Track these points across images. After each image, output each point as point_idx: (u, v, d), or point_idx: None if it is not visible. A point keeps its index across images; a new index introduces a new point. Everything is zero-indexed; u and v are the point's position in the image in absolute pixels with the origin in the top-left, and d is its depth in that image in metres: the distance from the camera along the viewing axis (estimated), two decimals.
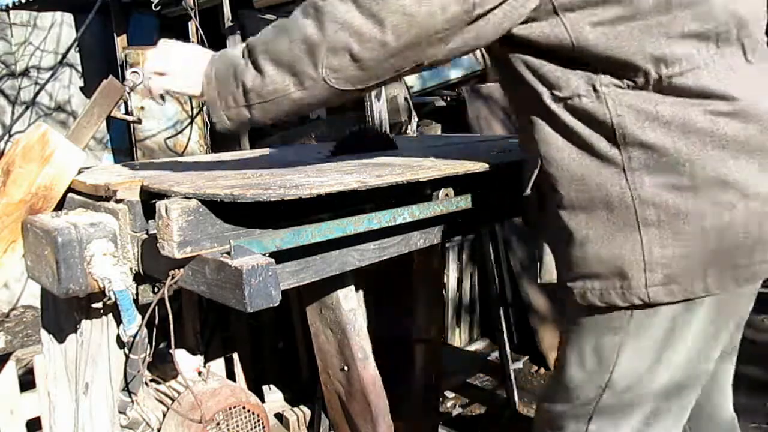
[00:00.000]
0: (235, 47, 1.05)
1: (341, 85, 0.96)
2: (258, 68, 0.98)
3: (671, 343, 1.02)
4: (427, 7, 0.89)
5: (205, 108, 3.65)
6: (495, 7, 0.92)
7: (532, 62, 0.99)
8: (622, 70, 0.93)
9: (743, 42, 0.94)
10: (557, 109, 0.98)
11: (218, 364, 1.78)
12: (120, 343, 1.17)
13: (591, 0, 0.91)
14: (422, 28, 0.91)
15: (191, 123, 3.68)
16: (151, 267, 1.02)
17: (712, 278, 0.95)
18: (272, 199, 0.87)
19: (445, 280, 2.95)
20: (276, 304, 0.88)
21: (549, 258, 1.09)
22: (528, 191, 1.07)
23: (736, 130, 0.92)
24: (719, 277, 0.95)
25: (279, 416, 1.93)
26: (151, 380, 1.45)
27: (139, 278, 1.06)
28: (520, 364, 3.13)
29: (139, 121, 3.26)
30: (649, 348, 1.02)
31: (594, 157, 0.97)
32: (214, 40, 3.59)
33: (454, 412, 2.32)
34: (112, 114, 1.33)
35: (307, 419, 1.90)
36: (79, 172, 1.21)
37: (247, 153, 1.96)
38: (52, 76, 4.31)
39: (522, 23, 0.95)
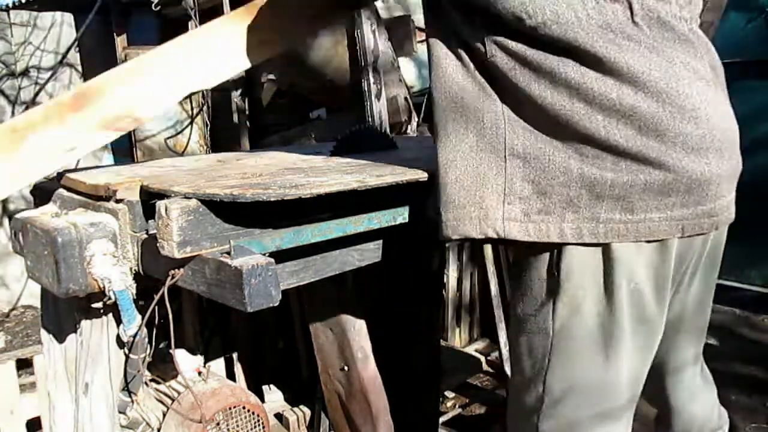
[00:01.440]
0: None
1: None
2: None
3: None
4: None
5: (205, 108, 3.66)
6: None
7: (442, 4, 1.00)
8: (500, 16, 0.91)
9: (632, 3, 0.90)
10: (451, 49, 0.99)
11: (218, 364, 1.78)
12: (120, 343, 1.17)
13: None
14: None
15: (191, 123, 3.68)
16: (151, 267, 1.02)
17: (569, 225, 0.92)
18: (272, 199, 0.87)
19: (445, 280, 2.95)
20: (276, 304, 0.88)
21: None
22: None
23: (606, 87, 0.89)
24: (577, 226, 0.91)
25: (279, 416, 1.93)
26: (151, 380, 1.45)
27: (139, 278, 1.06)
28: None
29: None
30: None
31: (476, 84, 0.97)
32: None
33: (454, 412, 2.32)
34: None
35: (307, 419, 1.90)
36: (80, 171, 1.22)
37: (246, 153, 1.96)
38: (52, 76, 4.31)
39: None
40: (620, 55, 0.88)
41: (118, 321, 1.09)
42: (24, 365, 2.56)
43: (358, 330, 1.49)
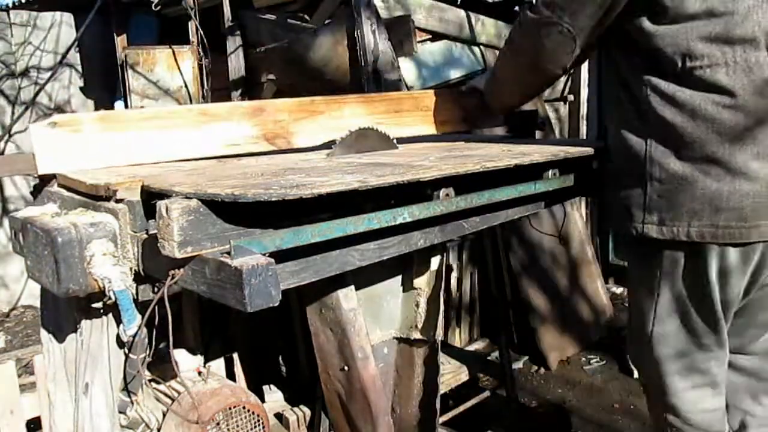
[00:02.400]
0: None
1: None
2: None
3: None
4: None
5: None
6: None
7: (609, 47, 1.36)
8: (657, 58, 1.24)
9: None
10: (616, 82, 1.35)
11: (218, 364, 1.78)
12: (120, 343, 1.17)
13: (646, 4, 1.22)
14: None
15: None
16: (151, 267, 1.02)
17: (694, 230, 1.25)
18: (273, 199, 0.87)
19: (445, 280, 2.94)
20: (276, 304, 0.88)
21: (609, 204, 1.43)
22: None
23: (735, 120, 1.19)
24: (699, 230, 1.25)
25: (279, 416, 1.93)
26: (151, 380, 1.45)
27: (139, 278, 1.06)
28: (520, 364, 3.13)
29: None
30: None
31: (627, 121, 1.32)
32: (214, 40, 3.60)
33: (454, 412, 2.32)
34: None
35: (307, 419, 1.90)
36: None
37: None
38: (52, 76, 4.31)
39: None
40: (752, 96, 1.18)
41: (118, 321, 1.09)
42: (24, 365, 2.56)
43: (358, 330, 1.49)
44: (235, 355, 1.93)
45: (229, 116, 1.41)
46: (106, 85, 4.59)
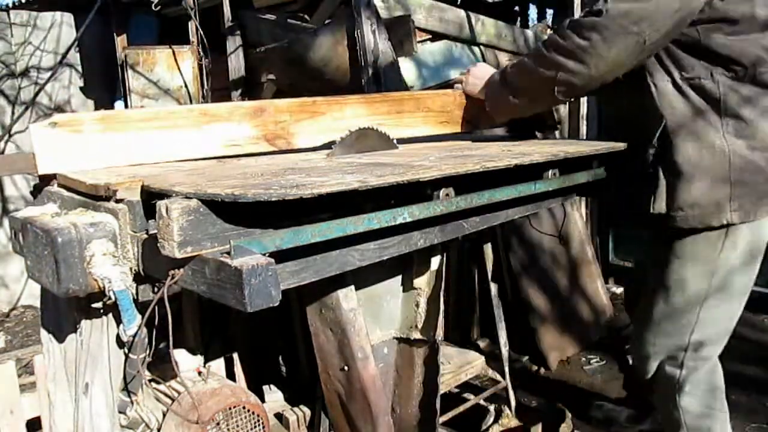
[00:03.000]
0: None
1: None
2: None
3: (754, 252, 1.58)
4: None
5: None
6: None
7: (672, 51, 1.49)
8: (731, 64, 1.46)
9: None
10: (683, 84, 1.49)
11: (218, 364, 1.78)
12: (120, 343, 1.17)
13: (718, 18, 1.43)
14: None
15: None
16: (151, 267, 1.02)
17: (764, 209, 1.51)
18: (273, 199, 0.87)
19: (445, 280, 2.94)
20: (276, 304, 0.88)
21: (661, 191, 1.53)
22: (654, 142, 1.53)
23: None
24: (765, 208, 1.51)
25: (279, 416, 1.93)
26: (151, 380, 1.45)
27: (139, 278, 1.06)
28: (520, 364, 3.13)
29: None
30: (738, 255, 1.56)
31: (703, 120, 1.48)
32: (214, 40, 3.60)
33: (454, 412, 2.32)
34: None
35: (307, 419, 1.90)
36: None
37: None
38: (52, 76, 4.31)
39: None
40: None
41: (118, 321, 1.09)
42: (24, 365, 2.56)
43: (358, 330, 1.49)
44: (235, 355, 1.93)
45: (229, 116, 1.41)
46: (106, 85, 4.59)
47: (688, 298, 1.62)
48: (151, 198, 1.01)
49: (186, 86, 3.97)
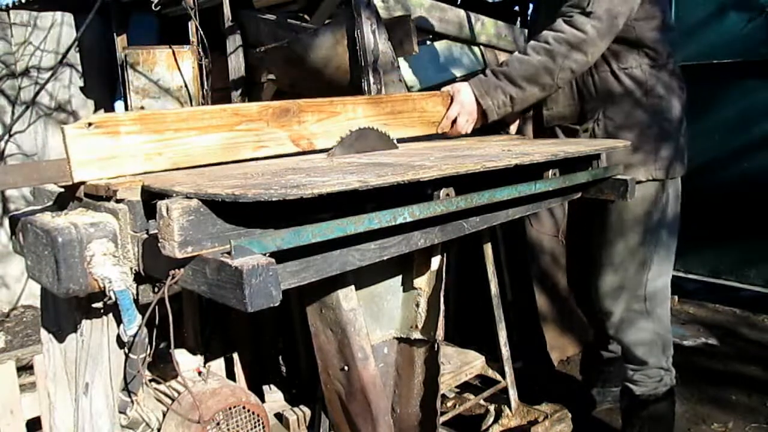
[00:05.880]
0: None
1: None
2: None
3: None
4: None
5: None
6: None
7: (611, 46, 1.82)
8: (654, 55, 1.87)
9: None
10: (620, 73, 1.88)
11: (218, 364, 1.78)
12: (120, 343, 1.17)
13: (646, 17, 1.83)
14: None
15: None
16: (152, 267, 1.02)
17: (679, 167, 1.94)
18: (274, 199, 0.87)
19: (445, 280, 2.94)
20: (276, 304, 0.88)
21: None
22: (590, 123, 1.93)
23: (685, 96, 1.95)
24: (681, 167, 1.94)
25: (279, 416, 1.93)
26: (151, 380, 1.45)
27: (139, 278, 1.06)
28: (520, 364, 3.13)
29: None
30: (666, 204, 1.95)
31: (633, 100, 1.88)
32: (214, 40, 3.59)
33: (454, 412, 2.32)
34: None
35: (307, 419, 1.90)
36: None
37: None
38: (52, 76, 4.31)
39: None
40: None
41: (118, 321, 1.09)
42: (24, 365, 2.56)
43: (358, 330, 1.49)
44: (235, 355, 1.93)
45: (259, 117, 1.39)
46: (106, 85, 4.59)
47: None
48: (151, 198, 1.01)
49: (186, 86, 3.97)
